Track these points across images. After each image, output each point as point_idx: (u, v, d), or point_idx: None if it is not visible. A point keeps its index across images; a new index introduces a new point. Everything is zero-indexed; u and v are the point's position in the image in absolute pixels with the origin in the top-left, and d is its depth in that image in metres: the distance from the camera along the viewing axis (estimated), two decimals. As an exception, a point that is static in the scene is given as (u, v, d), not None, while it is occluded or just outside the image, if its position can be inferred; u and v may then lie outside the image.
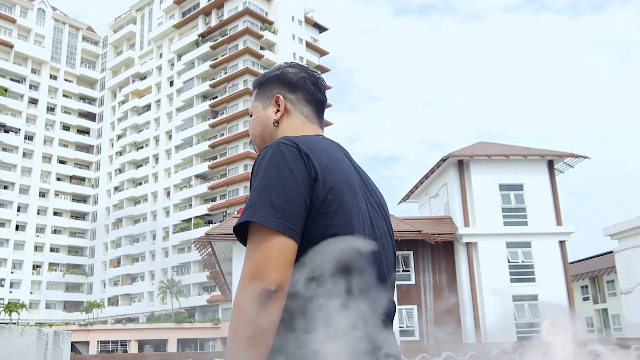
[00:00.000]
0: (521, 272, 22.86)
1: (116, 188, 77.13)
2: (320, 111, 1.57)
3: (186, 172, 68.49)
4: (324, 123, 1.63)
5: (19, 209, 72.38)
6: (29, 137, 75.28)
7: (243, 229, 1.25)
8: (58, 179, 77.29)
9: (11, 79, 74.20)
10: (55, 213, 75.78)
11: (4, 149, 72.05)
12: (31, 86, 76.42)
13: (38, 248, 72.87)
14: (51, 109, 78.56)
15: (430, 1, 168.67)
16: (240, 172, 62.53)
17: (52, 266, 73.81)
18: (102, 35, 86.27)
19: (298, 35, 70.35)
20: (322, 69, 71.98)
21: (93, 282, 75.12)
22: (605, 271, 38.79)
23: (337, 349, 1.15)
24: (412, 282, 22.65)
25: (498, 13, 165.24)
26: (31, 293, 70.04)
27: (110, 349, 51.18)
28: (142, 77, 79.17)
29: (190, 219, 66.46)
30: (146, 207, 72.94)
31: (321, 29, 75.95)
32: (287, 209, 1.20)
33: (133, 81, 79.30)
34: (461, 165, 23.93)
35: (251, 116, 1.59)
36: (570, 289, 22.87)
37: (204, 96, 69.94)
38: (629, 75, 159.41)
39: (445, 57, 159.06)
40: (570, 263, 24.49)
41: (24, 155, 74.17)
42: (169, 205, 69.92)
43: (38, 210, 74.06)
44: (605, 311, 41.23)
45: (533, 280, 22.68)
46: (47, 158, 76.68)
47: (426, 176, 26.29)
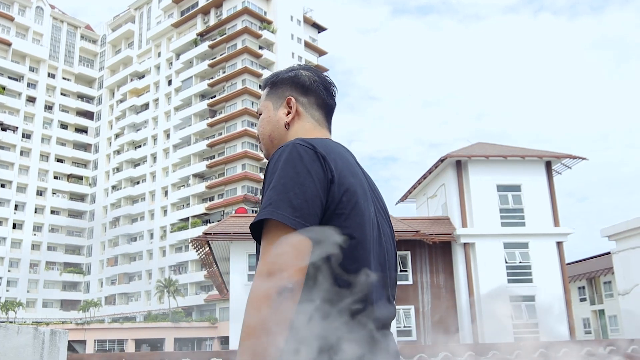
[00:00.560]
0: (518, 273, 22.90)
1: (114, 187, 77.01)
2: (329, 116, 1.58)
3: (184, 171, 68.43)
4: None
5: (17, 207, 72.25)
6: (27, 135, 75.15)
7: (260, 226, 1.27)
8: (55, 178, 77.15)
9: (9, 77, 74.08)
10: (52, 211, 75.64)
11: (2, 147, 71.92)
12: (29, 84, 76.27)
13: (35, 246, 72.71)
14: (49, 107, 78.41)
15: (429, 1, 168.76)
16: (238, 172, 62.43)
17: (49, 265, 73.69)
18: (101, 33, 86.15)
19: (297, 34, 70.31)
20: (321, 69, 71.50)
21: (90, 281, 75.01)
22: (602, 272, 38.80)
23: (339, 350, 1.18)
24: (410, 282, 22.67)
25: (497, 14, 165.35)
26: (28, 291, 69.93)
27: (107, 348, 51.12)
28: (141, 76, 79.06)
29: (187, 218, 66.42)
30: (144, 206, 72.86)
31: (320, 29, 75.93)
32: (305, 209, 1.23)
33: (131, 80, 79.20)
34: (459, 165, 23.95)
35: (260, 114, 1.59)
36: (567, 290, 22.90)
37: (202, 95, 69.88)
38: (628, 76, 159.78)
39: (444, 58, 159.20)
40: (567, 264, 24.50)
41: (22, 153, 74.03)
42: (167, 204, 69.85)
43: (35, 208, 73.93)
44: (602, 312, 41.28)
45: (530, 281, 22.72)
46: (45, 156, 76.54)
47: (424, 176, 26.30)
